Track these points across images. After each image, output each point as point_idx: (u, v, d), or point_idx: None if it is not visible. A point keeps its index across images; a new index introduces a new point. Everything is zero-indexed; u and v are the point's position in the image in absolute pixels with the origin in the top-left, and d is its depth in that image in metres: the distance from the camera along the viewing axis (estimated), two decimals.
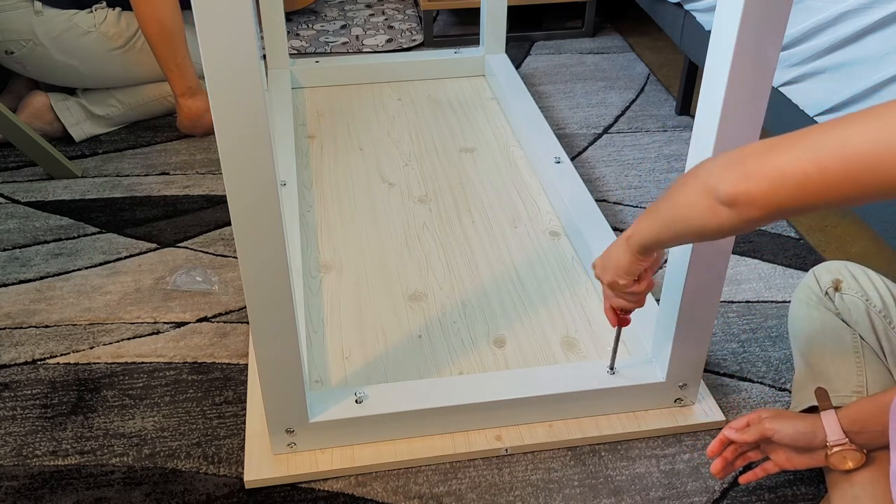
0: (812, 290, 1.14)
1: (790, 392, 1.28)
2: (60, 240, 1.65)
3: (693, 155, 1.01)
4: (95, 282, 1.54)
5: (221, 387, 1.31)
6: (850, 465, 0.96)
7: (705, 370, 1.32)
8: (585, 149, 1.95)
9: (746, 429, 1.01)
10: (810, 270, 1.17)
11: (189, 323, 1.44)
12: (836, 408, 0.98)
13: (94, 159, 1.93)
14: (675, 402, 1.24)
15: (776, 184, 0.69)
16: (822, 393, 1.02)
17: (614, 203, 1.75)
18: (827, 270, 1.14)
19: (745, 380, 1.32)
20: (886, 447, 0.95)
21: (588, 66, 2.36)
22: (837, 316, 1.11)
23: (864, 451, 0.96)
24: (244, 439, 1.21)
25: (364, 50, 2.47)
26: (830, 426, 0.96)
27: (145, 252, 1.62)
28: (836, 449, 0.96)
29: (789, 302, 1.47)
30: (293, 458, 1.17)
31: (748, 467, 1.08)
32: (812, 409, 1.05)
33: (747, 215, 0.72)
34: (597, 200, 1.65)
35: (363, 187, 1.76)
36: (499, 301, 1.44)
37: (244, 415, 1.25)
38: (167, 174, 1.87)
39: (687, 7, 1.93)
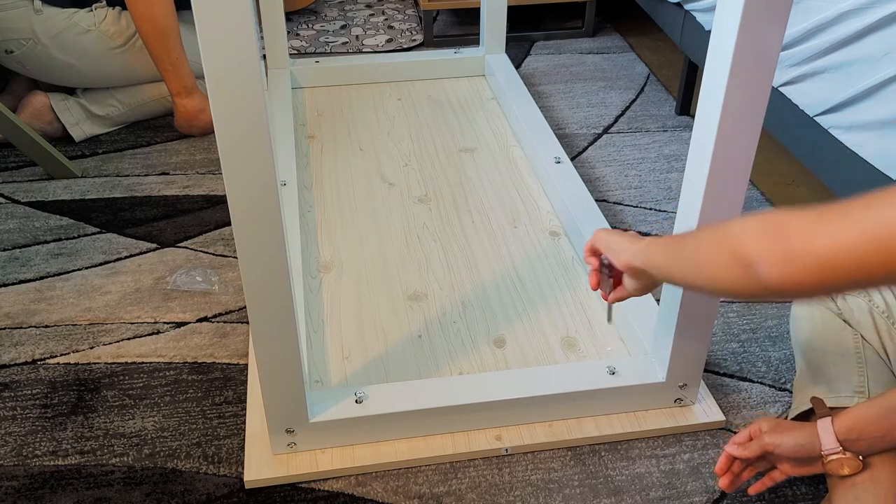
0: None
1: (790, 392, 1.28)
2: (60, 240, 1.65)
3: (693, 155, 1.01)
4: (95, 282, 1.54)
5: (221, 387, 1.31)
6: (846, 471, 0.95)
7: (705, 370, 1.32)
8: (585, 149, 1.95)
9: (748, 444, 1.01)
10: None
11: (189, 323, 1.44)
12: (835, 410, 0.98)
13: (94, 159, 1.93)
14: (675, 402, 1.24)
15: (828, 266, 0.63)
16: (817, 402, 1.02)
17: (614, 203, 1.75)
18: None
19: (745, 380, 1.32)
20: (887, 451, 0.95)
21: (588, 66, 2.36)
22: (839, 316, 1.11)
23: (861, 457, 0.96)
24: (244, 439, 1.21)
25: (364, 50, 2.47)
26: (825, 435, 0.96)
27: (145, 252, 1.62)
28: (831, 458, 0.96)
29: (790, 302, 1.47)
30: (293, 458, 1.17)
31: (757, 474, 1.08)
32: (814, 411, 1.05)
33: (793, 297, 0.67)
34: (597, 200, 1.65)
35: (363, 187, 1.76)
36: (499, 301, 1.44)
37: (244, 415, 1.25)
38: (167, 174, 1.87)
39: (687, 7, 1.93)
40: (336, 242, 1.59)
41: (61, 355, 1.37)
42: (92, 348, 1.39)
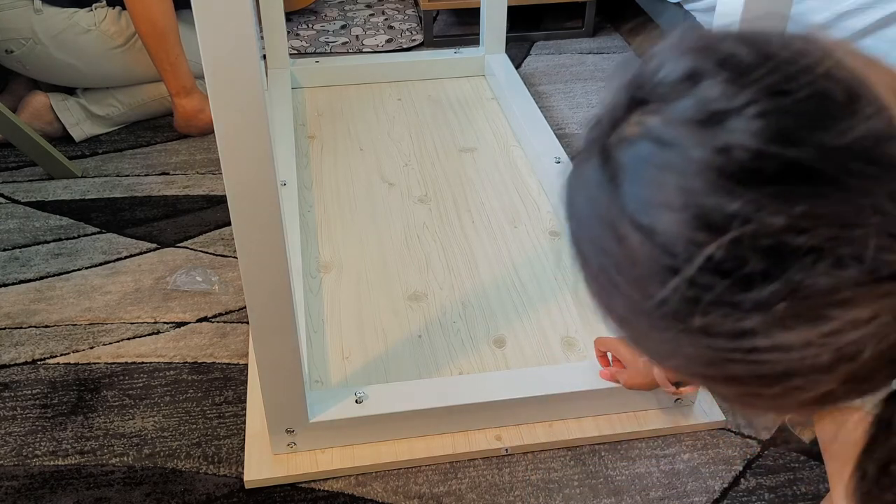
0: None
1: None
2: (60, 240, 1.65)
3: None
4: (95, 282, 1.54)
5: (221, 387, 1.31)
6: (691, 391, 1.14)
7: None
8: None
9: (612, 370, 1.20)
10: None
11: (189, 323, 1.44)
12: None
13: (94, 159, 1.93)
14: (675, 402, 1.24)
15: None
16: None
17: None
18: None
19: None
20: None
21: (588, 66, 2.36)
22: None
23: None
24: (244, 439, 1.21)
25: (364, 50, 2.47)
26: (663, 382, 1.10)
27: (145, 252, 1.62)
28: (675, 398, 1.16)
29: None
30: (293, 458, 1.17)
31: None
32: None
33: None
34: None
35: (363, 187, 1.76)
36: (499, 301, 1.44)
37: (244, 415, 1.25)
38: (167, 174, 1.87)
39: (687, 7, 1.93)
40: (336, 242, 1.59)
41: (61, 355, 1.37)
42: (92, 348, 1.39)
